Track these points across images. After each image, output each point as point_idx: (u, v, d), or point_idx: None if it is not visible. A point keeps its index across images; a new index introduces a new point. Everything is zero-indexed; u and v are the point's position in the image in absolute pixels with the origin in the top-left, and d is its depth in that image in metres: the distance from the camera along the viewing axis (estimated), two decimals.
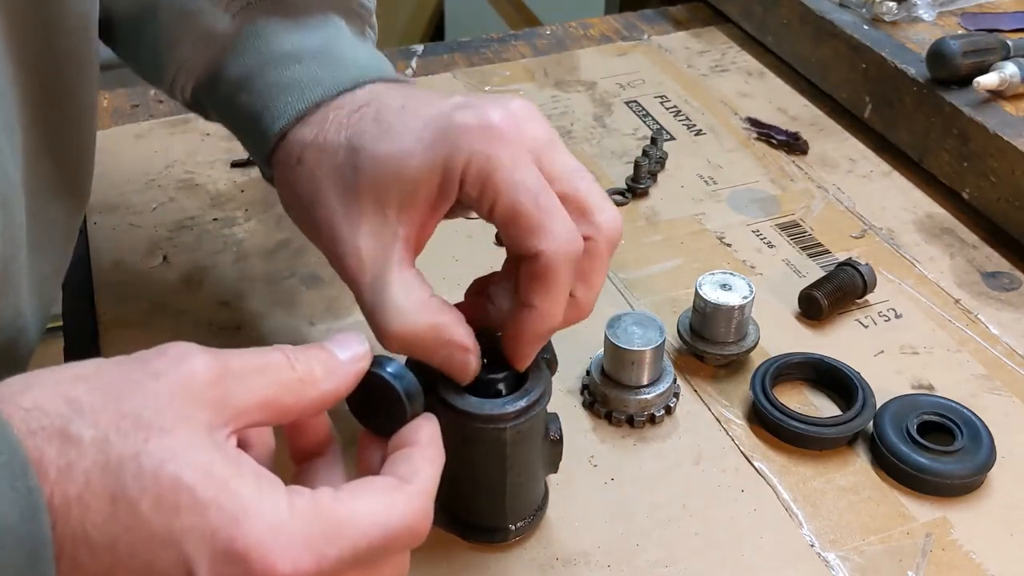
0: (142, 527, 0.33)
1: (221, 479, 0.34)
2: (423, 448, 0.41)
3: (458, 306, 0.47)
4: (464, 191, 0.44)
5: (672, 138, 0.86)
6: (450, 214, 0.47)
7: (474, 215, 0.46)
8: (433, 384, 0.46)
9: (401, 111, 0.46)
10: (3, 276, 0.45)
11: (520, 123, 0.44)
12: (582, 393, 0.61)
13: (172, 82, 0.54)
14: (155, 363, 0.36)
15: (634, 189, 0.79)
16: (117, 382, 0.35)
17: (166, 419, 0.34)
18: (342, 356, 0.40)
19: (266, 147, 0.49)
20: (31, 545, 0.32)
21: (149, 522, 0.33)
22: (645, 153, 0.81)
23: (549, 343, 0.50)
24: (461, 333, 0.45)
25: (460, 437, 0.46)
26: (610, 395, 0.59)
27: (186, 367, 0.35)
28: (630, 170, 0.80)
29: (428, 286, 0.45)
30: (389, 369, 0.42)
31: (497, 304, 0.49)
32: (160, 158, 0.82)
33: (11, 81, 0.44)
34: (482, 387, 0.46)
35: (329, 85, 0.49)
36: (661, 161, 0.82)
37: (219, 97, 0.53)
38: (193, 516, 0.33)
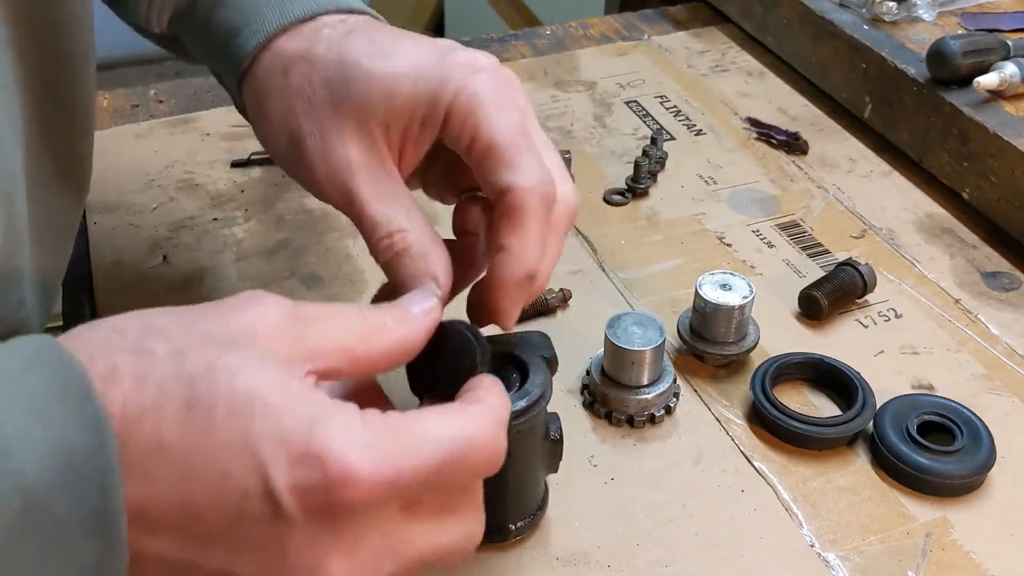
0: (216, 433, 0.33)
1: (294, 391, 0.34)
2: (490, 387, 0.41)
3: None
4: (448, 123, 0.44)
5: (672, 138, 0.86)
6: (429, 165, 0.47)
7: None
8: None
9: (396, 38, 0.46)
10: (6, 268, 0.45)
11: (509, 79, 0.46)
12: (582, 393, 0.61)
13: (148, 5, 0.53)
14: (231, 302, 0.36)
15: (634, 189, 0.79)
16: (193, 313, 0.36)
17: (239, 338, 0.35)
18: (413, 309, 0.40)
19: (242, 61, 0.48)
20: (99, 472, 0.32)
21: (224, 428, 0.33)
22: (645, 153, 0.81)
23: (549, 343, 0.50)
24: (438, 260, 0.44)
25: None
26: (610, 395, 0.59)
27: (261, 307, 0.36)
28: (630, 170, 0.80)
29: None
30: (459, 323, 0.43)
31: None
32: (160, 158, 0.82)
33: (13, 73, 0.44)
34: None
35: (311, 4, 0.49)
36: (661, 161, 0.82)
37: (196, 17, 0.52)
38: (268, 422, 0.33)
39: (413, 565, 0.37)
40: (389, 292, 0.46)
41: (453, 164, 0.48)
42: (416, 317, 0.40)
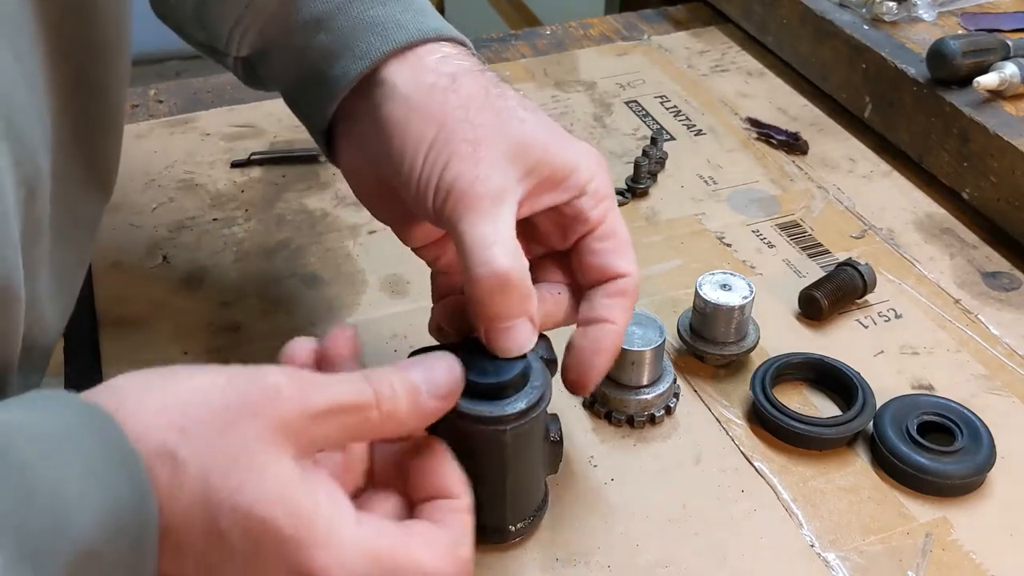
0: (232, 554, 0.37)
1: (303, 516, 0.37)
2: (462, 502, 0.43)
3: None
4: (579, 201, 0.48)
5: (672, 138, 0.86)
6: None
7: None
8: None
9: (537, 108, 0.50)
10: (24, 264, 0.45)
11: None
12: None
13: (236, 22, 0.53)
14: (254, 397, 0.38)
15: (634, 189, 0.79)
16: (222, 417, 0.37)
17: (258, 461, 0.37)
18: (429, 402, 0.41)
19: (356, 70, 0.49)
20: (140, 526, 0.35)
21: (239, 550, 0.36)
22: (645, 153, 0.81)
23: (549, 344, 0.50)
24: (536, 306, 0.47)
25: (460, 438, 0.46)
26: (610, 395, 0.59)
27: (281, 408, 0.38)
28: (630, 170, 0.80)
29: None
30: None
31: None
32: (160, 158, 0.82)
33: (44, 71, 0.44)
34: (482, 389, 0.46)
35: (419, 28, 0.50)
36: (661, 161, 0.82)
37: (291, 40, 0.53)
38: (275, 548, 0.37)
39: None
40: (455, 308, 0.50)
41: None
42: (430, 408, 0.42)
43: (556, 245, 0.51)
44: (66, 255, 0.51)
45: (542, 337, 0.50)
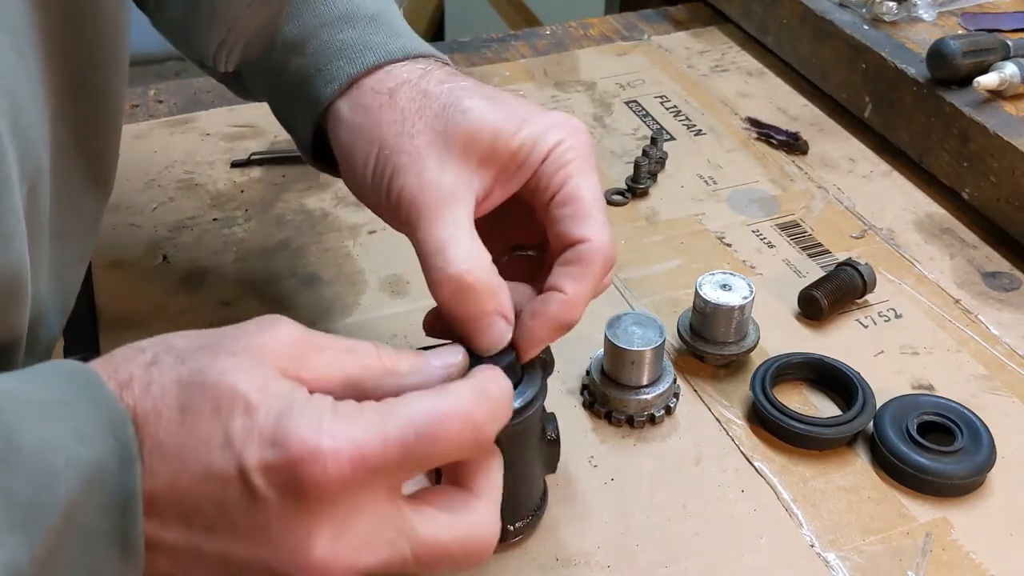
0: (202, 430, 0.36)
1: (274, 391, 0.36)
2: (484, 369, 0.42)
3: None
4: (540, 171, 0.47)
5: (672, 138, 0.86)
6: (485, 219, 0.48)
7: None
8: None
9: (497, 90, 0.50)
10: (24, 262, 0.45)
11: (591, 145, 0.49)
12: (582, 393, 0.61)
13: (220, 44, 0.55)
14: (246, 325, 0.39)
15: (634, 189, 0.79)
16: (210, 332, 0.39)
17: (234, 348, 0.37)
18: (434, 361, 0.42)
19: (337, 83, 0.50)
20: (124, 492, 0.35)
21: (208, 426, 0.36)
22: (645, 153, 0.81)
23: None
24: (507, 299, 0.46)
25: None
26: (610, 395, 0.59)
27: (273, 329, 0.39)
28: (630, 170, 0.80)
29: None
30: None
31: None
32: (160, 158, 0.82)
33: (43, 70, 0.44)
34: None
35: (386, 50, 0.51)
36: (661, 161, 0.82)
37: (270, 62, 0.54)
38: (245, 417, 0.36)
39: (415, 556, 0.39)
40: (439, 319, 0.48)
41: (509, 220, 0.50)
42: (432, 368, 0.41)
43: (529, 237, 0.51)
44: (66, 253, 0.51)
45: None
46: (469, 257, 0.44)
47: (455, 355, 0.43)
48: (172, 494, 0.36)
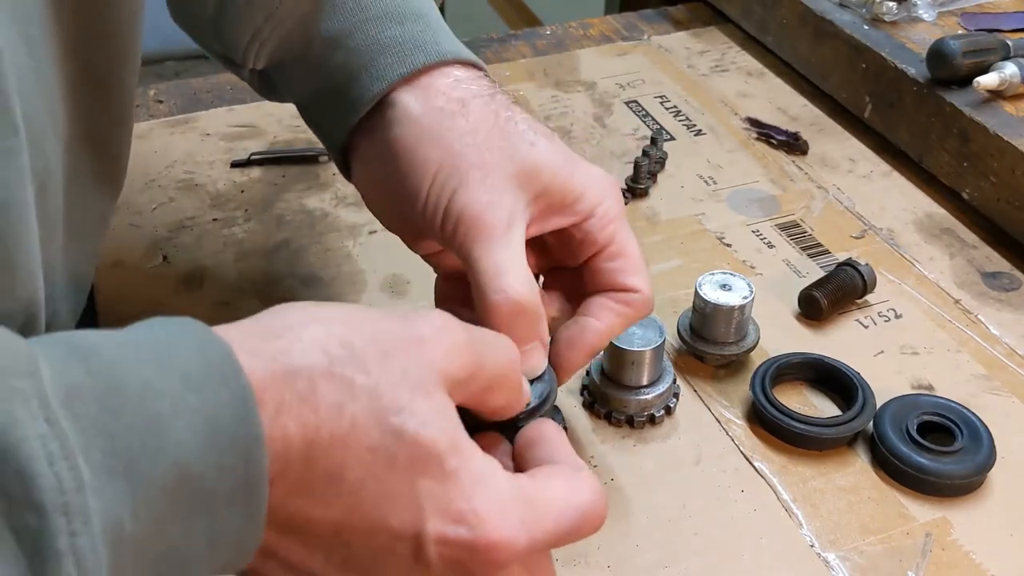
0: (391, 479, 0.35)
1: (464, 452, 0.37)
2: (559, 439, 0.44)
3: None
4: (588, 222, 0.49)
5: (672, 138, 0.86)
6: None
7: None
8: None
9: (548, 130, 0.51)
10: (39, 261, 0.44)
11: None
12: (582, 393, 0.61)
13: (254, 36, 0.53)
14: (419, 326, 0.38)
15: (634, 189, 0.79)
16: (385, 337, 0.37)
17: (428, 382, 0.37)
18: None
19: (365, 99, 0.50)
20: (245, 444, 0.33)
21: (399, 476, 0.36)
22: (645, 153, 0.81)
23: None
24: (546, 328, 0.48)
25: (468, 432, 0.46)
26: (610, 395, 0.59)
27: (449, 339, 0.38)
28: (630, 170, 0.80)
29: None
30: None
31: None
32: (160, 158, 0.82)
33: (56, 66, 0.44)
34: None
35: (437, 51, 0.51)
36: (661, 161, 0.82)
37: (309, 56, 0.53)
38: (438, 481, 0.36)
39: None
40: None
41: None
42: (528, 393, 0.45)
43: (566, 262, 0.52)
44: (79, 252, 0.51)
45: None
46: (526, 283, 0.46)
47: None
48: (332, 523, 0.36)
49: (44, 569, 0.28)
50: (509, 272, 0.45)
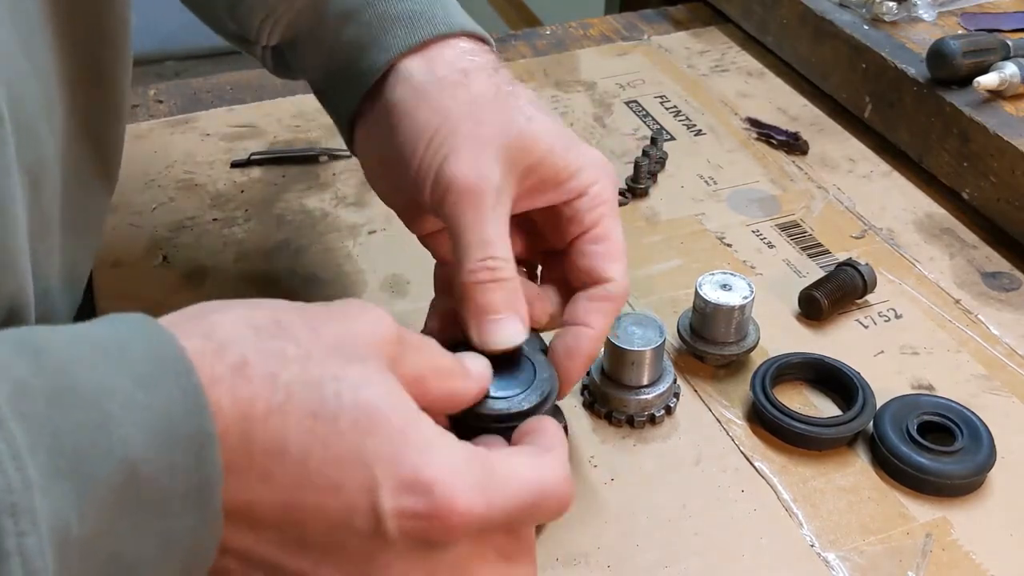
0: (337, 444, 0.34)
1: (410, 413, 0.36)
2: (556, 432, 0.43)
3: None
4: (576, 203, 0.49)
5: (672, 138, 0.86)
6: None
7: None
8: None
9: (547, 108, 0.51)
10: (35, 255, 0.45)
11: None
12: (582, 393, 0.61)
13: (265, 18, 0.54)
14: (347, 308, 0.38)
15: (634, 189, 0.79)
16: (314, 313, 0.37)
17: (361, 350, 0.36)
18: (484, 368, 0.44)
19: (375, 70, 0.50)
20: (198, 442, 0.32)
21: (344, 440, 0.34)
22: (645, 153, 0.81)
23: (541, 339, 0.51)
24: (523, 300, 0.47)
25: (470, 435, 0.46)
26: (610, 395, 0.59)
27: (376, 315, 0.38)
28: (630, 170, 0.80)
29: None
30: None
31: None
32: (160, 158, 0.82)
33: (53, 61, 0.44)
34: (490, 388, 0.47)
35: (445, 23, 0.51)
36: (661, 161, 0.82)
37: (321, 32, 0.53)
38: (386, 442, 0.35)
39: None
40: (447, 314, 0.50)
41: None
42: (485, 376, 0.44)
43: (554, 244, 0.52)
44: (75, 247, 0.51)
45: (539, 339, 0.50)
46: (508, 255, 0.46)
47: (487, 364, 0.44)
48: (280, 501, 0.34)
49: None
50: (491, 242, 0.45)
